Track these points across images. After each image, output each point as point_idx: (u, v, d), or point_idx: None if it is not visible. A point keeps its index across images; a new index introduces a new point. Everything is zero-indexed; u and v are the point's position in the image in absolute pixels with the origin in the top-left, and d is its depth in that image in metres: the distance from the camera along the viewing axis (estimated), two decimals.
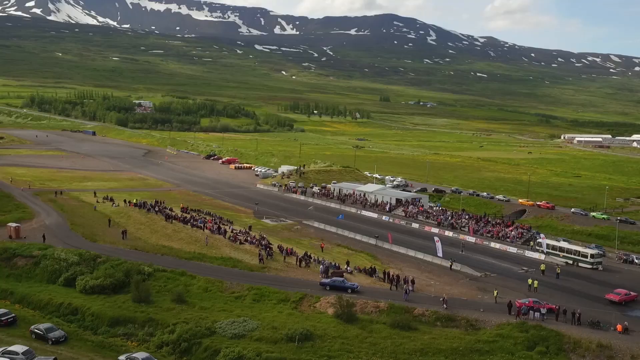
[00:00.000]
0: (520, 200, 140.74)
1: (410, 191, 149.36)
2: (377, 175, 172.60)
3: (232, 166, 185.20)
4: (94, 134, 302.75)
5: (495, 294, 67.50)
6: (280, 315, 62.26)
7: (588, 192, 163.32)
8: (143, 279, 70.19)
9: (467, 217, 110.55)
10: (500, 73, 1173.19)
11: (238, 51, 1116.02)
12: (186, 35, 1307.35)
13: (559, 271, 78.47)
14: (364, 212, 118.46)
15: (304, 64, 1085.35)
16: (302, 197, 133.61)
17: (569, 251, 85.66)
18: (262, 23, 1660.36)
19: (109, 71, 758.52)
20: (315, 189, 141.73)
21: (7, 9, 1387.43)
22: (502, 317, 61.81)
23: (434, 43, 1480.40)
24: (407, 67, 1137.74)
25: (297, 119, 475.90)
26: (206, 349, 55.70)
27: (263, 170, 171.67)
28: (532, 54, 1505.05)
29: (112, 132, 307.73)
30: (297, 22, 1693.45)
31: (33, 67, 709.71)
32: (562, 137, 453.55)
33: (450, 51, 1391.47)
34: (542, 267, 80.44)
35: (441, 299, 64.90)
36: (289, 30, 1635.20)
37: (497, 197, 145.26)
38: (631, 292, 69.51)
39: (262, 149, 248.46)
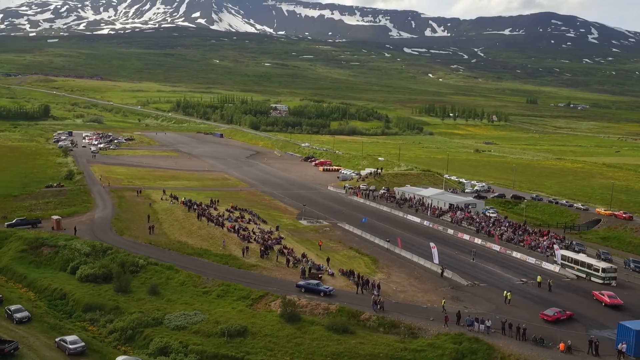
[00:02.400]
0: (597, 210, 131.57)
1: (486, 197, 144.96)
2: (463, 180, 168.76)
3: (321, 168, 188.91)
4: (221, 136, 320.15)
5: (442, 302, 65.31)
6: (231, 311, 64.80)
7: None
8: (135, 270, 75.86)
9: (507, 224, 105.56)
10: None
11: (386, 54, 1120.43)
12: (337, 40, 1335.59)
13: (551, 283, 73.70)
14: (409, 217, 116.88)
15: (452, 66, 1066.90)
16: (361, 200, 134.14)
17: (582, 264, 79.69)
18: (413, 26, 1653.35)
19: (258, 76, 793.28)
20: (380, 192, 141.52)
21: (175, 20, 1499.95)
22: (449, 327, 59.88)
23: (595, 41, 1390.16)
24: (563, 68, 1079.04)
25: (431, 122, 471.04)
26: (145, 338, 59.76)
27: (346, 173, 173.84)
28: None
29: (238, 135, 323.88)
30: (449, 24, 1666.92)
31: (190, 74, 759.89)
32: None
33: (613, 49, 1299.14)
34: (539, 279, 75.90)
35: (376, 300, 64.13)
36: (440, 32, 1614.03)
37: (575, 205, 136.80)
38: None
39: (374, 151, 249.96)
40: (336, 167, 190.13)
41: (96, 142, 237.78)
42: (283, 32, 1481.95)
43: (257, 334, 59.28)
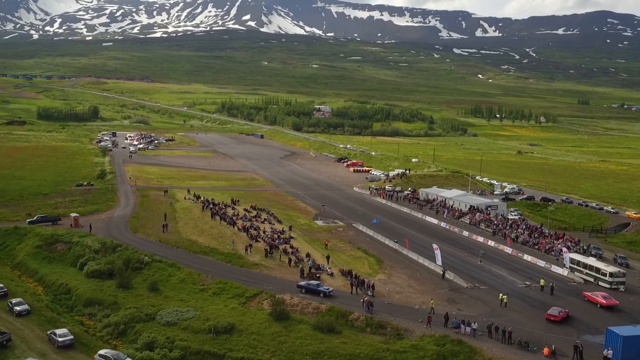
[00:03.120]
0: (627, 213, 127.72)
1: (514, 199, 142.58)
2: (494, 182, 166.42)
3: (352, 169, 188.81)
4: (262, 137, 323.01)
5: (431, 303, 64.58)
6: (223, 309, 65.56)
7: None
8: (139, 267, 77.56)
9: (524, 227, 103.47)
10: None
11: (435, 55, 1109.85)
12: (386, 42, 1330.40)
13: (553, 286, 72.00)
14: (427, 218, 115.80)
15: (502, 67, 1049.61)
16: (383, 201, 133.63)
17: (590, 268, 77.51)
18: (463, 26, 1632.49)
19: (305, 78, 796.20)
20: (405, 194, 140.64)
21: (226, 23, 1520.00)
22: (436, 329, 59.26)
23: None
24: (619, 68, 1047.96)
25: (476, 124, 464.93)
26: (135, 333, 61.05)
27: (375, 174, 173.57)
28: None
29: (278, 136, 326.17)
30: (500, 24, 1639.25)
31: (238, 76, 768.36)
32: None
33: None
34: (542, 282, 74.21)
35: (361, 300, 63.99)
36: (491, 33, 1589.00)
37: (605, 208, 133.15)
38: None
39: (412, 152, 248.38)
40: (367, 168, 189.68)
41: (136, 143, 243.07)
42: (332, 34, 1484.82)
43: (244, 332, 59.87)
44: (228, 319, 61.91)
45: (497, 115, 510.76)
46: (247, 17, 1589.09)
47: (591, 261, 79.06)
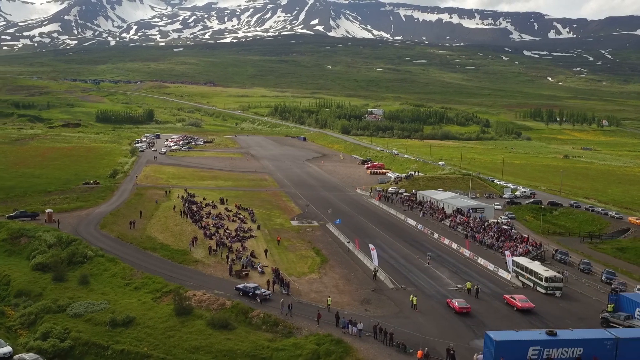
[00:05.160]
0: (630, 219, 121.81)
1: (519, 203, 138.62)
2: (510, 185, 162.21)
3: (369, 171, 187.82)
4: (304, 139, 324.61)
5: (328, 301, 63.85)
6: (135, 303, 66.71)
7: None
8: (82, 261, 79.86)
9: (495, 229, 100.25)
10: None
11: (504, 58, 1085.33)
12: (454, 44, 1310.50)
13: (478, 289, 69.62)
14: (408, 220, 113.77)
15: (574, 69, 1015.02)
16: (377, 203, 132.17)
17: (531, 272, 74.24)
18: (536, 28, 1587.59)
19: (367, 81, 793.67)
20: (403, 196, 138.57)
21: (294, 28, 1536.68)
22: (327, 328, 58.48)
23: None
24: None
25: (534, 127, 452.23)
26: (42, 323, 62.92)
27: (387, 176, 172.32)
28: None
29: (320, 138, 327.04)
30: (574, 25, 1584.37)
31: (301, 80, 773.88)
32: None
33: None
34: (468, 285, 71.79)
35: (281, 300, 63.67)
36: (565, 34, 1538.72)
37: (610, 213, 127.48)
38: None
39: (450, 155, 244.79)
40: (384, 171, 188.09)
41: (172, 144, 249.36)
42: (399, 37, 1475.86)
43: (140, 325, 60.88)
44: (131, 312, 63.08)
45: (557, 119, 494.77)
46: (315, 21, 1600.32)
47: (532, 265, 75.69)
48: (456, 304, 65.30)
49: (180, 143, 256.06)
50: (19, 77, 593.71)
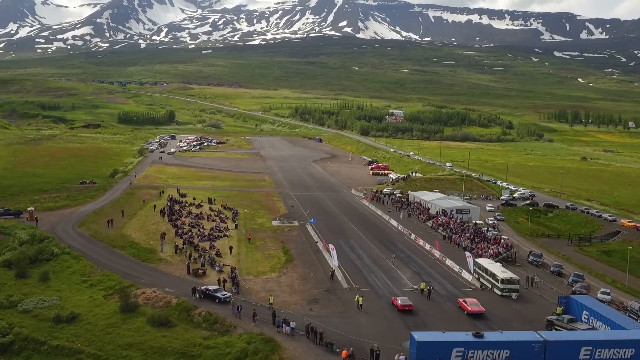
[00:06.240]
0: (622, 221, 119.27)
1: (515, 204, 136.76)
2: (512, 187, 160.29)
3: (371, 172, 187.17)
4: (320, 140, 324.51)
5: (270, 300, 64.28)
6: (85, 299, 67.57)
7: None
8: (48, 258, 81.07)
9: (472, 231, 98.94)
10: None
11: (533, 59, 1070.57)
12: (484, 45, 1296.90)
13: (430, 290, 68.88)
14: (391, 221, 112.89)
15: (606, 70, 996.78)
16: (366, 204, 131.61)
17: (490, 274, 73.01)
18: (567, 28, 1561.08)
19: (393, 83, 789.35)
20: (396, 197, 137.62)
21: (323, 29, 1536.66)
22: (262, 327, 58.42)
23: None
24: None
25: (558, 129, 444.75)
26: None
27: (392, 177, 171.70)
28: None
29: (335, 140, 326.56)
30: (607, 25, 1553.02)
31: (326, 81, 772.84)
32: None
33: None
34: (422, 285, 70.97)
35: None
36: (597, 35, 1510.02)
37: (604, 215, 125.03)
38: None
39: (463, 157, 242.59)
40: (387, 172, 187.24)
41: (183, 145, 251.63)
42: (428, 39, 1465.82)
43: (84, 322, 61.59)
44: (78, 309, 63.81)
45: (583, 120, 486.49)
46: (344, 23, 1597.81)
47: (491, 267, 74.41)
48: (399, 301, 64.79)
49: (194, 144, 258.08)
50: (48, 79, 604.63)
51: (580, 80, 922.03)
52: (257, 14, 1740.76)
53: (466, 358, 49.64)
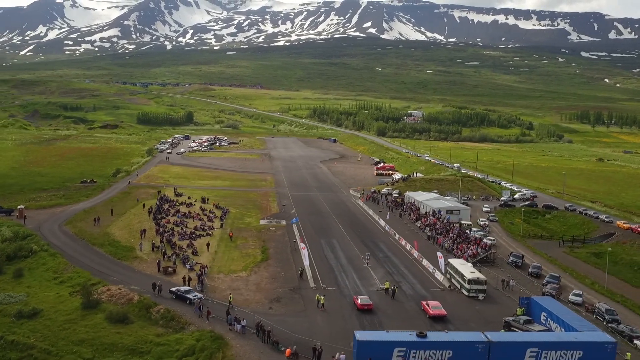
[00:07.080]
0: (617, 223, 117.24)
1: (513, 205, 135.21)
2: (514, 188, 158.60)
3: (376, 172, 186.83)
4: (334, 141, 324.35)
5: (230, 298, 64.78)
6: (52, 296, 68.41)
7: None
8: (27, 255, 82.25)
9: (456, 231, 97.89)
10: None
11: (559, 59, 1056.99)
12: (509, 45, 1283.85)
13: (395, 289, 68.34)
14: (381, 221, 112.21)
15: (634, 70, 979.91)
16: (360, 204, 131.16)
17: (459, 274, 72.15)
18: (595, 28, 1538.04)
19: (415, 84, 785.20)
20: (393, 197, 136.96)
21: (347, 30, 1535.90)
22: (215, 324, 58.60)
23: None
24: None
25: (579, 130, 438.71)
26: None
27: (396, 177, 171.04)
28: None
29: (349, 140, 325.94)
30: (637, 25, 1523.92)
31: (348, 82, 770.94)
32: None
33: None
34: (387, 284, 70.47)
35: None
36: (626, 35, 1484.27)
37: (600, 217, 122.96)
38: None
39: (474, 158, 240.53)
40: (391, 172, 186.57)
41: (194, 145, 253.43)
42: (454, 39, 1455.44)
43: (44, 317, 62.32)
44: (41, 305, 64.55)
45: (605, 121, 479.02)
46: (369, 24, 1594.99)
47: (461, 267, 73.50)
48: (359, 300, 64.49)
49: (206, 144, 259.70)
50: (73, 80, 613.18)
51: (607, 80, 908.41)
52: (282, 15, 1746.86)
53: (408, 358, 49.15)
